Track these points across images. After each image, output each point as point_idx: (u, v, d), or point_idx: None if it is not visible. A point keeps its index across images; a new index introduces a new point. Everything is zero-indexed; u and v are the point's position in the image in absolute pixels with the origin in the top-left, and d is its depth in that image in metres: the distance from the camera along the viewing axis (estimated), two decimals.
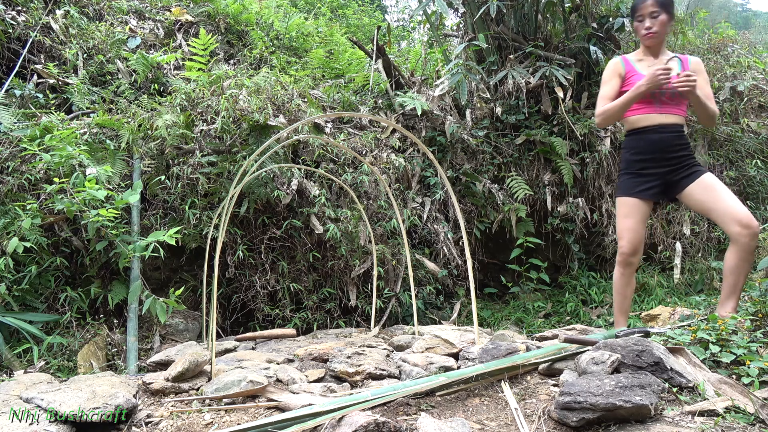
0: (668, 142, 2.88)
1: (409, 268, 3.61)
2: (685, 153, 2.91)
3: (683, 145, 2.90)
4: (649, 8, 2.86)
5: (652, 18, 2.86)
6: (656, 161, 2.90)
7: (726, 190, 2.80)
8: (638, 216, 2.90)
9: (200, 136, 4.02)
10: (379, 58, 5.71)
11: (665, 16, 2.86)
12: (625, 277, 2.96)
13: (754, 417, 1.73)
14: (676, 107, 2.90)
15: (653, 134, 2.89)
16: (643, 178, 2.92)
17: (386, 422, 1.71)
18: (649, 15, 2.87)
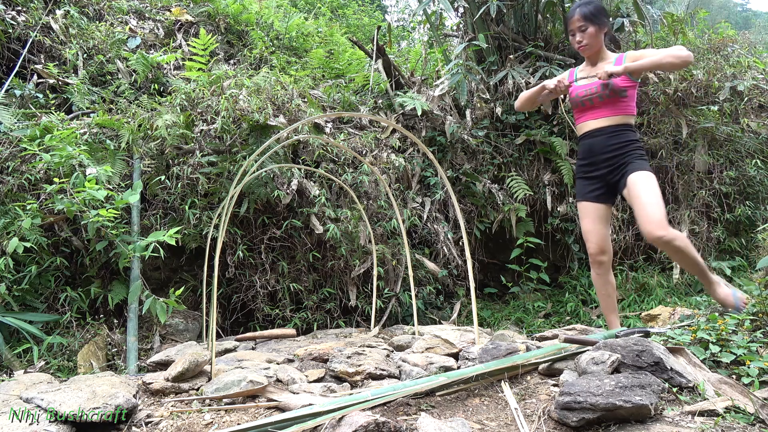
0: (600, 145, 2.97)
1: (409, 268, 3.61)
2: (619, 153, 2.92)
3: (617, 145, 2.93)
4: (577, 23, 2.99)
5: (581, 32, 3.00)
6: (594, 165, 3.01)
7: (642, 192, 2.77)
8: (593, 217, 3.01)
9: (200, 136, 4.02)
10: (379, 58, 5.70)
11: (593, 27, 2.97)
12: (601, 276, 3.04)
13: (754, 417, 1.73)
14: (609, 109, 2.95)
15: (588, 139, 3.03)
16: (588, 181, 3.05)
17: (386, 422, 1.71)
18: (578, 29, 3.00)
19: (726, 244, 5.22)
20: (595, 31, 2.97)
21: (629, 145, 2.92)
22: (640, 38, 6.08)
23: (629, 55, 2.95)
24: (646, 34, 5.83)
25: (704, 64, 5.71)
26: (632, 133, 2.96)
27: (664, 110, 5.50)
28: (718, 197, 5.33)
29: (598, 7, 3.00)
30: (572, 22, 3.01)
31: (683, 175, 5.45)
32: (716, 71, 5.58)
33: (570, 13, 3.04)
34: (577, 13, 2.98)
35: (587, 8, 2.97)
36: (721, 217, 5.26)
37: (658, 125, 5.54)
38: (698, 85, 5.53)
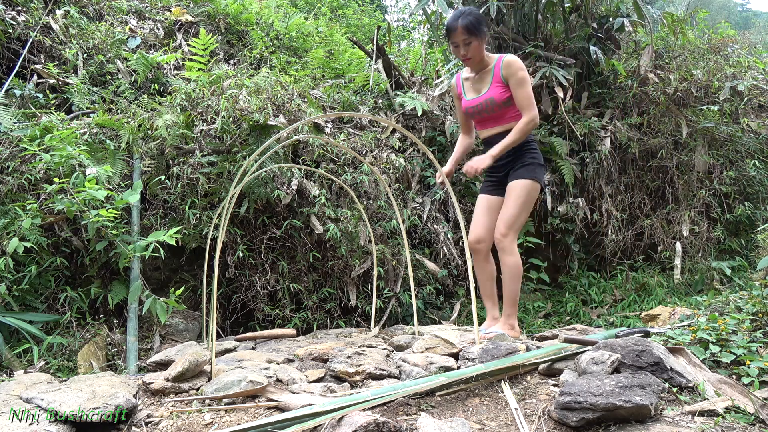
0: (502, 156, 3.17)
1: (409, 268, 3.61)
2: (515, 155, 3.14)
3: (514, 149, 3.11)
4: (461, 36, 2.99)
5: (465, 45, 3.02)
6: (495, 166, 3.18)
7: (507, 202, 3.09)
8: (483, 208, 3.27)
9: (200, 136, 4.02)
10: (379, 58, 5.71)
11: (476, 40, 3.00)
12: (478, 263, 3.26)
13: (754, 417, 1.73)
14: (502, 118, 3.13)
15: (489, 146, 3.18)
16: (487, 178, 3.32)
17: (386, 422, 1.71)
18: (462, 43, 3.01)
19: (726, 244, 5.22)
20: (479, 43, 3.01)
21: (524, 147, 3.13)
22: (640, 38, 6.08)
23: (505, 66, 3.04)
24: (646, 34, 5.83)
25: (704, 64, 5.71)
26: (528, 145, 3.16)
27: (664, 110, 5.50)
28: (718, 197, 5.33)
29: (478, 17, 3.01)
30: (455, 35, 3.00)
31: (683, 175, 5.46)
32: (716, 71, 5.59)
33: (451, 25, 3.00)
34: (459, 27, 2.96)
35: (468, 20, 2.96)
36: (721, 217, 5.26)
37: (658, 125, 5.54)
38: (698, 85, 5.53)
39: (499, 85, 3.06)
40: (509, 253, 3.08)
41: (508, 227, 3.06)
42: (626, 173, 5.58)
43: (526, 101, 3.01)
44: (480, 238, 3.23)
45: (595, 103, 5.72)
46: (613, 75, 5.80)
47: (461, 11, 3.02)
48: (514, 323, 3.20)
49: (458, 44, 3.02)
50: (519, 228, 3.11)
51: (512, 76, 3.03)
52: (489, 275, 3.29)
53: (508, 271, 3.11)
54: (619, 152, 5.50)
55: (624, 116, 5.60)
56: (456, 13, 3.03)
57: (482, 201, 3.29)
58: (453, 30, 3.00)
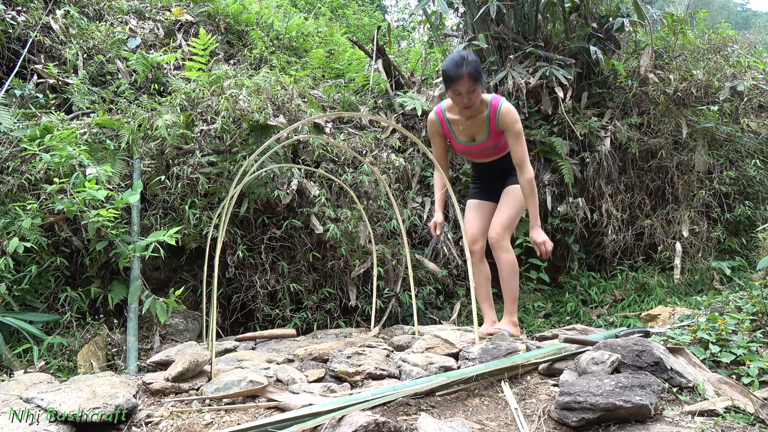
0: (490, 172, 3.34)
1: (409, 268, 3.61)
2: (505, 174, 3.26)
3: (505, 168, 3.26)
4: (466, 86, 2.87)
5: (468, 93, 2.91)
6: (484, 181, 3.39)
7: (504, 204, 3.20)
8: (473, 210, 3.35)
9: (200, 136, 4.02)
10: (379, 58, 5.71)
11: (478, 87, 2.92)
12: (474, 265, 3.24)
13: (754, 417, 1.73)
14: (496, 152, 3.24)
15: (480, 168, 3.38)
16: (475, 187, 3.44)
17: (386, 422, 1.71)
18: (466, 91, 2.90)
19: (726, 244, 5.22)
20: (480, 89, 2.95)
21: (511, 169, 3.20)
22: (640, 38, 6.08)
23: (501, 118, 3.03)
24: (646, 34, 5.83)
25: (704, 64, 5.71)
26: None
27: (664, 110, 5.50)
28: (718, 197, 5.33)
29: (478, 63, 2.93)
30: (460, 84, 2.87)
31: (683, 175, 5.46)
32: (716, 71, 5.59)
33: (455, 73, 2.85)
34: (465, 75, 2.84)
35: (471, 67, 2.84)
36: (721, 217, 5.26)
37: (658, 125, 5.54)
38: (698, 85, 5.53)
39: (496, 133, 3.10)
40: (505, 250, 3.15)
41: (504, 228, 3.13)
42: (626, 173, 5.58)
43: (523, 157, 3.03)
44: (475, 238, 3.28)
45: (595, 103, 5.72)
46: (613, 75, 5.80)
47: (460, 58, 2.87)
48: (516, 321, 3.26)
49: (461, 93, 2.91)
50: (513, 228, 3.20)
51: (508, 129, 3.03)
52: (485, 277, 3.34)
53: (506, 268, 3.17)
54: (619, 152, 5.49)
55: (624, 116, 5.60)
56: (455, 60, 2.88)
57: (473, 204, 3.38)
58: (458, 79, 2.86)
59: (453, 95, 2.97)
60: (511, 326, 3.20)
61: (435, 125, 3.22)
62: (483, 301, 3.36)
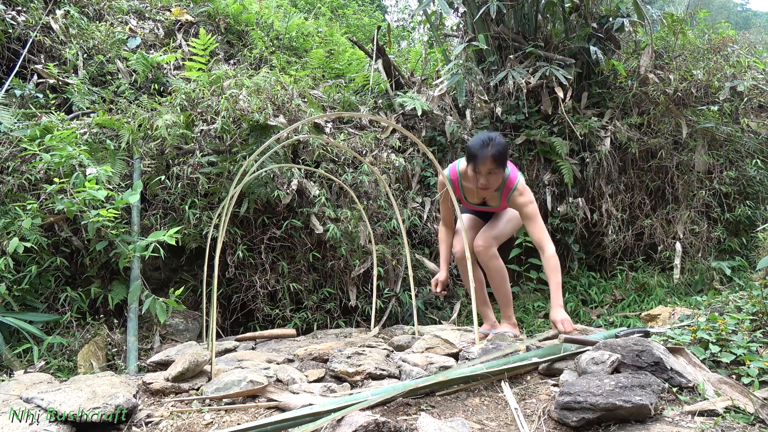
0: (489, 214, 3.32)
1: (409, 268, 3.61)
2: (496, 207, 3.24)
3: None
4: (489, 167, 2.82)
5: (489, 174, 2.86)
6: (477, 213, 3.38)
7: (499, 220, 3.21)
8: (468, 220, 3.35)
9: (200, 136, 4.02)
10: (379, 58, 5.71)
11: (501, 171, 2.88)
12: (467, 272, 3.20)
13: (754, 417, 1.73)
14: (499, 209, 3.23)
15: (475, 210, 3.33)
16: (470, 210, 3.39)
17: (386, 422, 1.71)
18: (488, 173, 2.85)
19: (726, 244, 5.22)
20: (501, 174, 2.91)
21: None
22: (640, 38, 6.08)
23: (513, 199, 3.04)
24: (646, 34, 5.83)
25: (704, 64, 5.71)
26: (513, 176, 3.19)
27: (664, 110, 5.50)
28: (718, 197, 5.33)
29: (506, 148, 2.87)
30: (483, 165, 2.81)
31: (683, 175, 5.46)
32: (716, 71, 5.58)
33: (479, 153, 2.79)
34: (489, 157, 2.78)
35: (497, 149, 2.78)
36: (721, 217, 5.26)
37: (658, 125, 5.54)
38: (698, 85, 5.53)
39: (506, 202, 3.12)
40: (492, 257, 3.16)
41: (491, 238, 3.14)
42: (626, 173, 5.58)
43: (541, 236, 2.93)
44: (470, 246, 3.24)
45: (595, 103, 5.72)
46: (613, 75, 5.80)
47: (488, 138, 2.80)
48: (515, 321, 3.27)
49: (481, 173, 2.84)
50: (501, 242, 3.21)
51: (522, 210, 3.01)
52: (479, 283, 3.34)
53: (495, 275, 3.20)
54: (619, 152, 5.49)
55: (624, 116, 5.60)
56: (483, 140, 2.81)
57: (468, 218, 3.38)
58: (481, 159, 2.79)
59: (472, 174, 2.92)
60: (511, 327, 3.22)
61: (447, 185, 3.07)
62: (481, 305, 3.37)
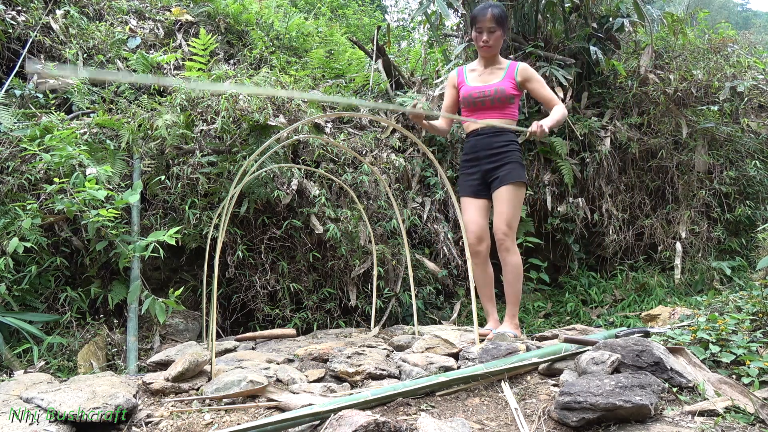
0: (484, 143, 3.18)
1: (409, 268, 3.61)
2: (500, 152, 3.16)
3: (499, 144, 3.16)
4: (488, 23, 3.08)
5: (489, 32, 3.11)
6: (476, 161, 3.22)
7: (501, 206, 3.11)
8: (474, 210, 3.23)
9: (200, 136, 4.02)
10: (379, 58, 5.71)
11: (500, 31, 3.13)
12: (478, 266, 3.24)
13: (754, 417, 1.73)
14: (497, 112, 3.18)
15: (473, 137, 3.23)
16: (470, 177, 3.26)
17: (386, 422, 1.71)
18: (488, 30, 3.10)
19: (726, 244, 5.22)
20: (501, 34, 3.14)
21: (509, 145, 3.17)
22: (640, 38, 6.08)
23: (521, 69, 3.19)
24: (646, 34, 5.83)
25: (704, 64, 5.71)
26: (513, 135, 3.21)
27: (664, 110, 5.50)
28: (718, 197, 5.33)
29: (505, 11, 3.16)
30: (483, 21, 3.08)
31: (683, 175, 5.46)
32: (716, 71, 5.58)
33: (481, 12, 3.09)
34: (489, 14, 3.06)
35: (498, 10, 3.08)
36: (721, 217, 5.26)
37: (658, 125, 5.54)
38: (698, 85, 5.53)
39: (511, 81, 3.17)
40: (513, 252, 3.12)
41: (509, 226, 3.10)
42: (626, 173, 5.58)
43: (552, 94, 3.19)
44: (481, 237, 3.21)
45: (595, 103, 5.72)
46: (613, 75, 5.80)
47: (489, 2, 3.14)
48: (518, 322, 3.25)
49: (483, 30, 3.09)
50: (516, 227, 3.17)
51: (531, 78, 3.18)
52: (489, 278, 3.30)
53: (511, 270, 3.13)
54: (619, 152, 5.49)
55: (624, 116, 5.60)
56: (484, 4, 3.13)
57: (471, 203, 3.27)
58: (482, 16, 3.07)
59: (475, 34, 3.13)
60: (513, 327, 3.18)
61: (452, 76, 3.34)
62: (487, 302, 3.33)
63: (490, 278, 3.31)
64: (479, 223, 3.21)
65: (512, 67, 3.20)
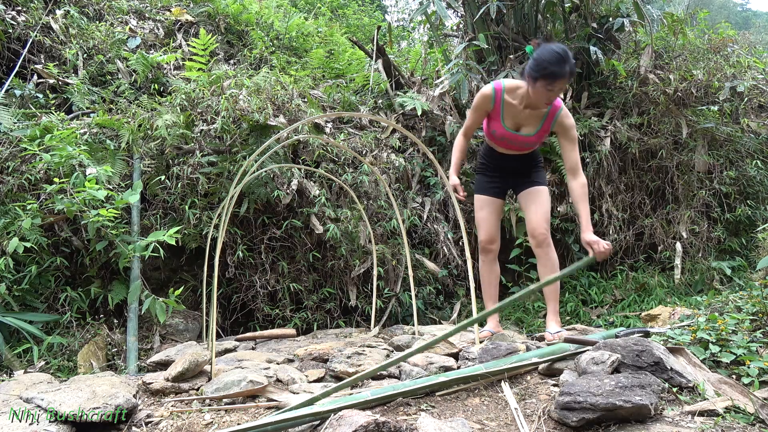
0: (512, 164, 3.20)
1: (409, 268, 3.61)
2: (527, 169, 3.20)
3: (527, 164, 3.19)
4: (563, 85, 2.80)
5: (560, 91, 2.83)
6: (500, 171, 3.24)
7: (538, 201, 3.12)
8: (490, 209, 3.23)
9: (200, 136, 4.02)
10: (379, 58, 5.71)
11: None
12: (486, 264, 3.27)
13: (754, 417, 1.73)
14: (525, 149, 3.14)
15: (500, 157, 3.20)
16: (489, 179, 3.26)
17: (386, 422, 1.71)
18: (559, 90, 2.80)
19: (726, 244, 5.22)
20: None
21: (536, 163, 3.22)
22: (640, 38, 6.08)
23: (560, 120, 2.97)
24: (646, 34, 5.83)
25: (704, 64, 5.71)
26: (538, 153, 3.25)
27: (664, 110, 5.50)
28: (718, 197, 5.33)
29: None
30: (561, 82, 2.74)
31: (683, 175, 5.45)
32: (716, 71, 5.58)
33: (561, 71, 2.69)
34: (568, 74, 2.71)
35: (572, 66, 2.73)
36: (721, 217, 5.26)
37: (658, 125, 5.54)
38: (698, 85, 5.53)
39: (546, 130, 3.04)
40: (553, 248, 3.12)
41: (547, 223, 3.10)
42: (626, 173, 5.58)
43: (578, 162, 3.01)
44: (493, 238, 3.22)
45: (595, 103, 5.71)
46: (613, 75, 5.79)
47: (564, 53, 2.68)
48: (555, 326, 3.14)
49: (554, 90, 2.76)
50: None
51: (566, 133, 2.98)
52: (495, 277, 3.31)
53: (553, 266, 3.09)
54: (619, 152, 5.49)
55: (624, 116, 5.60)
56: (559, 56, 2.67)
57: (488, 203, 3.23)
58: (561, 77, 2.70)
59: (545, 93, 2.77)
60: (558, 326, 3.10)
61: (486, 101, 3.01)
62: (490, 301, 3.33)
63: (496, 278, 3.31)
64: (494, 223, 3.22)
65: (553, 114, 2.96)
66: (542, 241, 3.07)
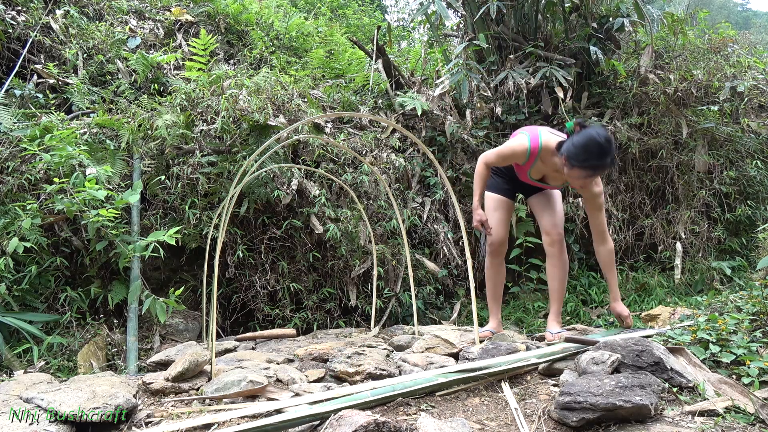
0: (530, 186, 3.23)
1: (409, 268, 3.61)
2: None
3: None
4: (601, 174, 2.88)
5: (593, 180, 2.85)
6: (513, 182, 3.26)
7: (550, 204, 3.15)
8: (504, 210, 3.24)
9: (200, 136, 4.02)
10: (379, 58, 5.71)
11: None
12: (495, 266, 3.29)
13: (754, 417, 1.73)
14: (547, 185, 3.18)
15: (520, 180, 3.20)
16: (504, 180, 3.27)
17: (386, 422, 1.71)
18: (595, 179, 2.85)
19: (726, 244, 5.21)
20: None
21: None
22: (640, 38, 6.08)
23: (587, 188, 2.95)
24: (646, 34, 5.83)
25: (704, 64, 5.70)
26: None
27: (664, 110, 5.50)
28: (718, 197, 5.33)
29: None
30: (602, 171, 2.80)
31: (683, 175, 5.45)
32: (716, 71, 5.58)
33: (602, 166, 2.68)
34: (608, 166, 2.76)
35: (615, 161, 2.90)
36: (721, 217, 5.26)
37: (658, 125, 5.54)
38: (698, 85, 5.52)
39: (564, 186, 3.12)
40: (565, 248, 3.16)
41: (563, 226, 3.15)
42: (626, 173, 5.57)
43: (604, 227, 3.03)
44: (505, 240, 3.23)
45: (595, 103, 5.71)
46: (613, 75, 5.79)
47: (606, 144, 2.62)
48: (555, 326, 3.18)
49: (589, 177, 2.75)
50: None
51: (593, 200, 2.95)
52: (501, 278, 3.33)
53: (564, 267, 3.14)
54: (619, 152, 5.49)
55: (624, 116, 5.60)
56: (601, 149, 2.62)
57: (502, 204, 3.21)
58: (602, 169, 2.74)
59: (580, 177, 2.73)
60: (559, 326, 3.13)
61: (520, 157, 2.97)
62: (494, 301, 3.34)
63: (502, 278, 3.33)
64: (506, 226, 3.24)
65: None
66: (557, 240, 3.10)
